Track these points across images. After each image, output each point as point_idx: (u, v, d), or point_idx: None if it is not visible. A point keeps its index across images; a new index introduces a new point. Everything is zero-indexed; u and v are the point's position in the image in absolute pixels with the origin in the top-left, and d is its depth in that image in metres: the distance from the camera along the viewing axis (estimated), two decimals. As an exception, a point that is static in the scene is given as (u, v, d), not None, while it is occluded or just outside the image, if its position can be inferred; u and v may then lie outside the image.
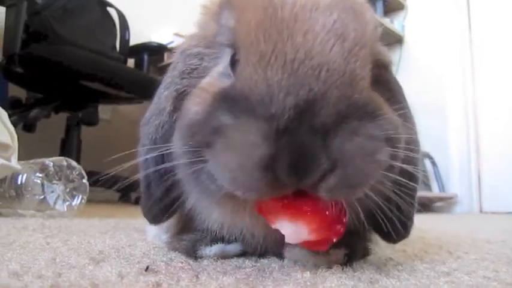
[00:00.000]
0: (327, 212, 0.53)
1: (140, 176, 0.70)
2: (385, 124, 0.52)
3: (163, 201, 0.67)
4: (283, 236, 0.55)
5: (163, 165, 0.62)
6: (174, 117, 0.66)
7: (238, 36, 0.56)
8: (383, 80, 0.67)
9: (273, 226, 0.54)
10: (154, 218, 0.72)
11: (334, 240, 0.55)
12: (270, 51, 0.50)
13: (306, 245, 0.57)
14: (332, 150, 0.47)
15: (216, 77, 0.60)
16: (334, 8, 0.54)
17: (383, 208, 0.57)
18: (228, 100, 0.51)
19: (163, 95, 0.70)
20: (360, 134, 0.48)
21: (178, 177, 0.62)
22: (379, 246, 0.77)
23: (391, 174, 0.54)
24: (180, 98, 0.66)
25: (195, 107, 0.56)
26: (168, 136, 0.65)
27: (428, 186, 4.25)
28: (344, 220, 0.55)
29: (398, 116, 0.62)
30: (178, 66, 0.70)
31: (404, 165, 0.57)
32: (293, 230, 0.53)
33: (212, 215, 0.66)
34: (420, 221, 0.71)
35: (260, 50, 0.51)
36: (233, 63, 0.58)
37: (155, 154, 0.64)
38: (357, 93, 0.50)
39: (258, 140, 0.46)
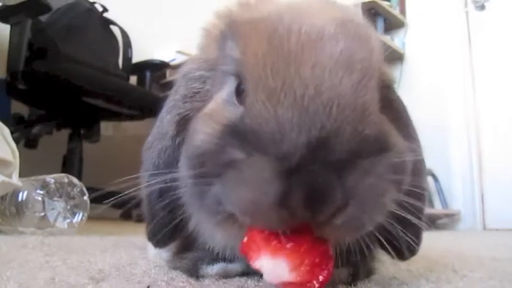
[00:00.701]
0: (312, 251, 0.51)
1: (144, 201, 0.70)
2: (394, 159, 0.52)
3: (167, 226, 0.67)
4: None
5: (164, 184, 0.62)
6: (177, 142, 0.66)
7: (244, 68, 0.55)
8: (388, 101, 0.67)
9: (254, 265, 0.52)
10: (159, 242, 0.72)
11: (317, 286, 0.51)
12: (279, 88, 0.49)
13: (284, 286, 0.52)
14: (347, 188, 0.46)
15: (221, 103, 0.59)
16: (340, 35, 0.53)
17: (391, 227, 0.57)
18: (238, 135, 0.50)
19: (165, 119, 0.70)
20: (371, 173, 0.48)
21: (182, 201, 0.62)
22: (384, 265, 0.76)
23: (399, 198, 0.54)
24: (182, 122, 0.66)
25: (203, 136, 0.56)
26: (171, 161, 0.65)
27: (431, 203, 4.22)
28: (330, 266, 0.52)
29: (403, 137, 0.62)
30: (180, 90, 0.70)
31: (410, 188, 0.57)
32: (273, 265, 0.51)
33: (215, 237, 0.66)
34: (424, 238, 0.70)
35: (268, 85, 0.50)
36: (238, 92, 0.57)
37: (159, 180, 0.63)
38: (368, 128, 0.49)
39: (272, 177, 0.45)
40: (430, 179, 4.26)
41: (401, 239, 0.61)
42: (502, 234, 3.32)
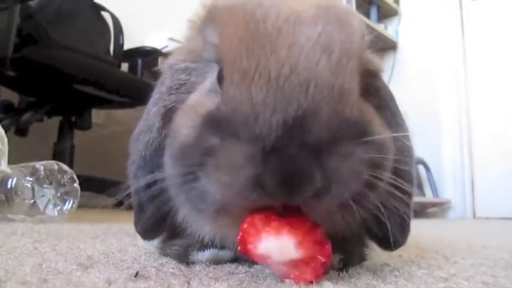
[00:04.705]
0: (311, 226, 0.51)
1: (131, 193, 0.69)
2: (375, 145, 0.51)
3: (154, 219, 0.67)
4: None
5: (151, 177, 0.62)
6: (163, 134, 0.65)
7: (221, 53, 0.54)
8: (373, 88, 0.67)
9: (258, 251, 0.51)
10: (147, 235, 0.73)
11: (323, 260, 0.52)
12: (254, 68, 0.48)
13: (293, 267, 0.52)
14: (327, 171, 0.46)
15: (204, 93, 0.59)
16: (319, 19, 0.52)
17: (379, 217, 0.57)
18: (215, 123, 0.50)
19: (151, 111, 0.69)
20: (353, 157, 0.48)
21: (169, 195, 0.61)
22: (375, 252, 0.76)
23: (384, 185, 0.54)
24: (168, 114, 0.66)
25: (185, 130, 0.55)
26: (157, 153, 0.65)
27: (421, 192, 4.26)
28: (328, 246, 0.52)
29: (389, 123, 0.62)
30: (166, 81, 0.70)
31: (396, 181, 0.57)
32: (279, 244, 0.50)
33: (203, 228, 0.65)
34: (415, 226, 0.70)
35: (243, 67, 0.49)
36: (220, 79, 0.56)
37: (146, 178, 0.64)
38: (348, 108, 0.49)
39: (244, 161, 0.45)
40: (421, 168, 4.29)
41: (388, 228, 0.60)
42: (491, 222, 3.36)
